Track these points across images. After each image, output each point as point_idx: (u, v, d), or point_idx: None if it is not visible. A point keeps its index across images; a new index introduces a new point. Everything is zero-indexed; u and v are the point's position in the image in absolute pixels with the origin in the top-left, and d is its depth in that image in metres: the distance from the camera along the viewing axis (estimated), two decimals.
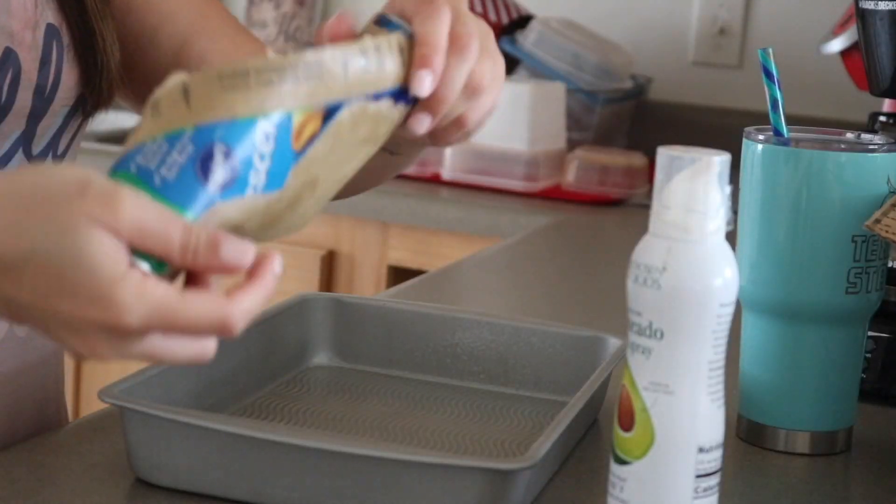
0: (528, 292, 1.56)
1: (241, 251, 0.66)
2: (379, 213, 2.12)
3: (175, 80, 0.68)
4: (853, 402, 1.00)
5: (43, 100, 0.90)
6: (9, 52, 0.87)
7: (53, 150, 0.94)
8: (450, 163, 2.18)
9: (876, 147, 0.97)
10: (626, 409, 0.77)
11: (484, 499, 0.79)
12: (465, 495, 0.79)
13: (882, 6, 1.09)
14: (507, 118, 2.17)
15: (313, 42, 0.82)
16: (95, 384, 1.98)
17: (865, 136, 1.01)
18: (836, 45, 1.89)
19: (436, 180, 2.20)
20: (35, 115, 0.90)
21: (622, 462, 0.77)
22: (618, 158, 2.22)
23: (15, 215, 0.64)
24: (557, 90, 2.26)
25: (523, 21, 2.42)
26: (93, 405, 0.96)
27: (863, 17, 1.11)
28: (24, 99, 0.89)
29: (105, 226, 0.63)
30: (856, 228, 0.95)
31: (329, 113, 0.73)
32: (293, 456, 0.81)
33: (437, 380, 1.07)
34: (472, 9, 2.49)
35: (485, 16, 2.47)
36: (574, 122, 2.32)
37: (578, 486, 0.90)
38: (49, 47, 0.90)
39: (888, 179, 0.96)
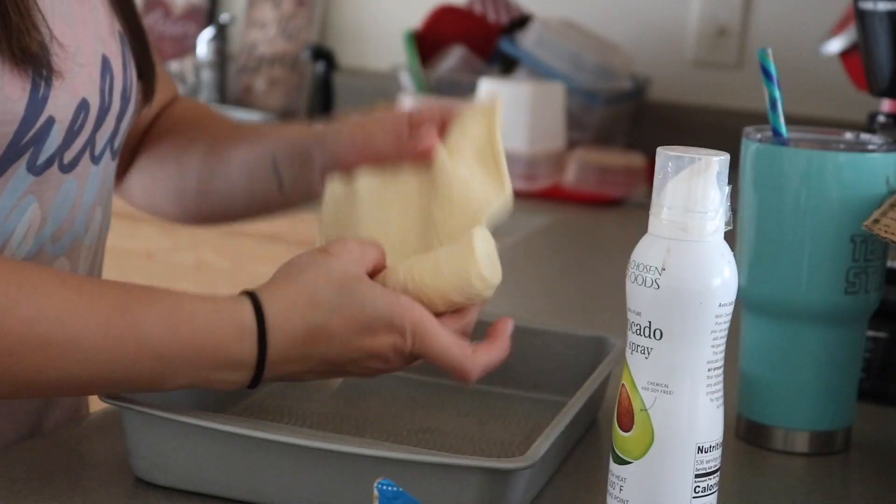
0: (528, 292, 1.56)
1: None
2: None
3: None
4: (852, 401, 1.01)
5: (126, 100, 0.99)
6: (105, 59, 0.96)
7: (119, 147, 1.02)
8: None
9: (875, 147, 0.97)
10: (626, 408, 0.77)
11: (483, 498, 0.79)
12: (464, 495, 0.79)
13: (881, 6, 1.09)
14: (507, 118, 2.16)
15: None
16: None
17: (864, 137, 1.01)
18: (835, 45, 1.89)
19: None
20: (121, 116, 0.99)
21: (622, 462, 0.77)
22: (617, 158, 2.22)
23: (309, 295, 0.84)
24: (557, 90, 2.26)
25: (523, 21, 2.42)
26: (93, 405, 0.98)
27: (862, 17, 1.11)
28: (116, 101, 0.98)
29: (362, 275, 0.85)
30: (855, 228, 0.95)
31: None
32: (293, 456, 0.81)
33: (437, 380, 1.07)
34: (471, 9, 2.49)
35: (484, 16, 2.48)
36: (573, 122, 2.32)
37: (578, 486, 0.90)
38: (125, 53, 0.99)
39: (887, 179, 0.96)
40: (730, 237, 0.78)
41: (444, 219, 0.93)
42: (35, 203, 0.91)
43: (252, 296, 0.83)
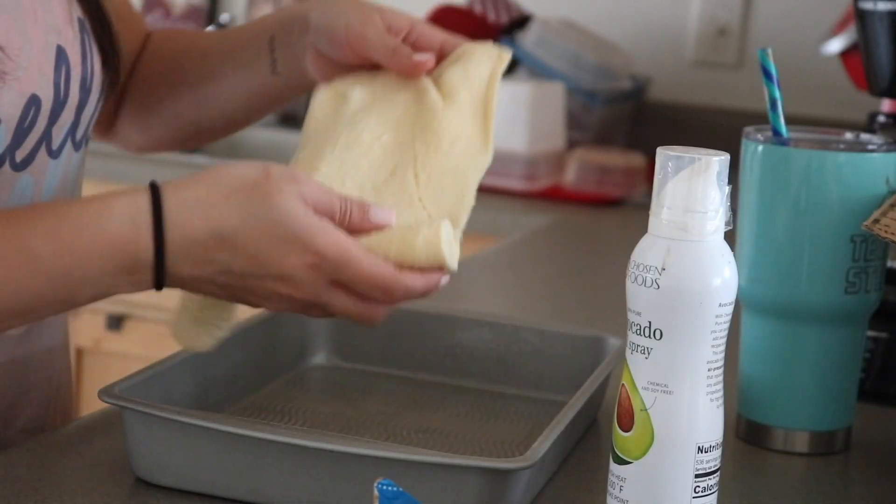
0: (528, 292, 1.56)
1: (387, 213, 0.84)
2: None
3: None
4: (852, 401, 1.01)
5: (86, 91, 0.95)
6: (60, 49, 0.92)
7: (86, 136, 0.99)
8: None
9: (875, 147, 0.97)
10: (626, 408, 0.77)
11: (483, 498, 0.79)
12: (464, 495, 0.79)
13: (881, 6, 1.09)
14: (507, 118, 2.17)
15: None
16: (95, 384, 1.98)
17: (864, 137, 1.01)
18: (836, 45, 1.89)
19: None
20: (81, 107, 0.95)
21: (622, 462, 0.77)
22: (617, 158, 2.22)
23: (220, 198, 0.78)
24: (557, 90, 2.26)
25: (523, 21, 2.42)
26: (93, 405, 0.99)
27: (862, 17, 1.11)
28: (75, 93, 0.94)
29: (294, 193, 0.79)
30: (855, 228, 0.95)
31: None
32: (293, 456, 0.81)
33: (437, 380, 1.07)
34: (471, 9, 2.49)
35: (484, 16, 2.48)
36: (573, 122, 2.32)
37: (578, 486, 0.90)
38: (84, 41, 0.95)
39: (887, 179, 0.96)
40: (730, 237, 0.78)
41: (425, 160, 0.91)
42: None
43: (153, 187, 0.80)
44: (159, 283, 0.81)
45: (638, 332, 0.76)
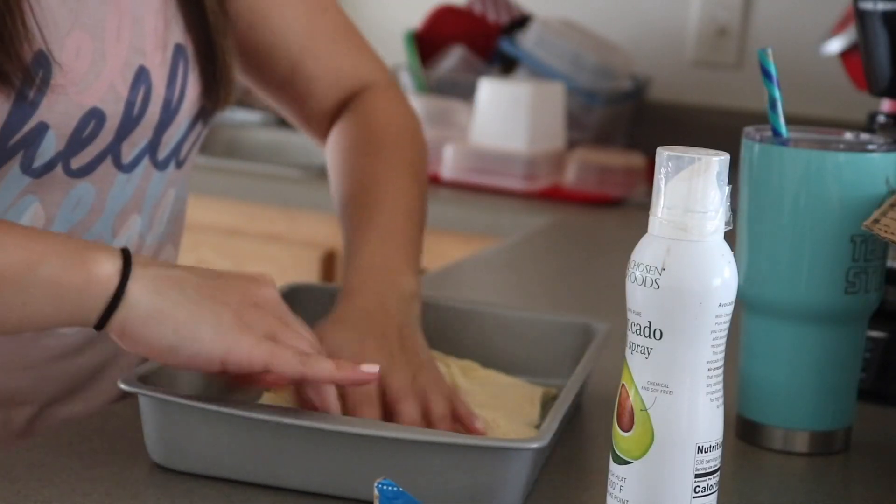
0: (528, 292, 1.56)
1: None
2: None
3: None
4: (852, 401, 1.01)
5: (169, 112, 0.99)
6: (142, 70, 0.96)
7: (176, 157, 1.02)
8: (449, 163, 2.18)
9: (875, 147, 0.97)
10: (626, 408, 0.77)
11: (498, 477, 0.81)
12: (481, 473, 0.81)
13: (881, 6, 1.09)
14: (507, 118, 2.17)
15: None
16: None
17: (864, 137, 1.01)
18: (835, 45, 1.89)
19: (435, 180, 2.20)
20: (162, 127, 0.99)
21: (622, 462, 0.77)
22: (617, 158, 2.22)
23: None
24: (557, 90, 2.26)
25: (523, 21, 2.42)
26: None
27: (861, 17, 1.11)
28: (154, 113, 0.98)
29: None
30: (855, 228, 0.95)
31: None
32: (294, 438, 0.83)
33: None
34: (471, 9, 2.49)
35: (484, 16, 2.48)
36: (573, 122, 2.32)
37: (577, 484, 0.90)
38: (176, 65, 0.99)
39: (887, 179, 0.96)
40: (730, 237, 0.78)
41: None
42: (37, 203, 0.92)
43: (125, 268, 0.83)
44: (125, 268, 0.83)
45: (638, 332, 0.76)
